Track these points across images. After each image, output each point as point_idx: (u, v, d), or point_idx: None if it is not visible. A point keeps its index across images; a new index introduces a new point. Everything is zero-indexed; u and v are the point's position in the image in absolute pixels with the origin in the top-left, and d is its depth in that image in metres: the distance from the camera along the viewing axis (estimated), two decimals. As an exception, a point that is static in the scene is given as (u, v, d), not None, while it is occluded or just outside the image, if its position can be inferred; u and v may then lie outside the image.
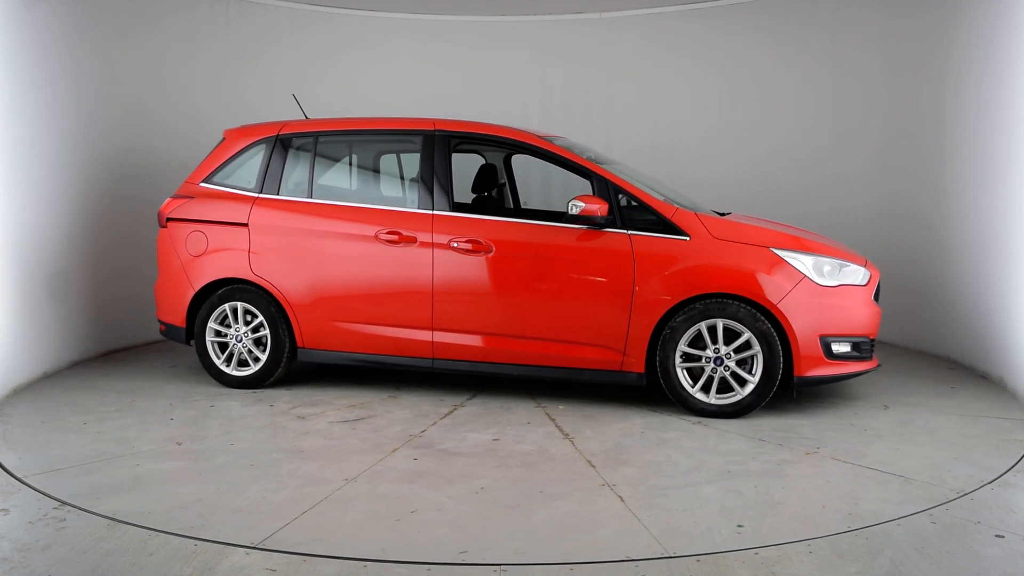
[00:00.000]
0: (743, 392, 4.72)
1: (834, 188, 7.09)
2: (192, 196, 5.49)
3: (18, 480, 3.76)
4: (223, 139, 5.62)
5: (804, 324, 4.66)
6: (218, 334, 5.39)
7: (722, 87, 7.48)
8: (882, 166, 6.84)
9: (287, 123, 5.52)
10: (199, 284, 5.37)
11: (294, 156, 5.41)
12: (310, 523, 3.32)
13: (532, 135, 5.19)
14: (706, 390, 4.77)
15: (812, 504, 3.51)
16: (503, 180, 6.39)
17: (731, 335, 4.71)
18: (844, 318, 4.77)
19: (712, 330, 4.72)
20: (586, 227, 4.89)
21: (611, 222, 4.85)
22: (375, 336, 5.16)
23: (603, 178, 4.95)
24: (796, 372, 4.69)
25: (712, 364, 4.73)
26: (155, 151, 6.53)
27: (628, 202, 4.94)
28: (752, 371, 4.70)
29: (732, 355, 4.70)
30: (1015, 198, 5.24)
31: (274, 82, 7.14)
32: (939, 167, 6.23)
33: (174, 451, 4.19)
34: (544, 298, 4.93)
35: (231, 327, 5.36)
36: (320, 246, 5.20)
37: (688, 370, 4.79)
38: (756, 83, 7.38)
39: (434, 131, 5.24)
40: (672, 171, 7.14)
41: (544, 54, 7.62)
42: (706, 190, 6.91)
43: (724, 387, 4.76)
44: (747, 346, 4.69)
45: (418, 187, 5.18)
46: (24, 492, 3.59)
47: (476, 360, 5.07)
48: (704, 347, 4.74)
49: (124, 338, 6.46)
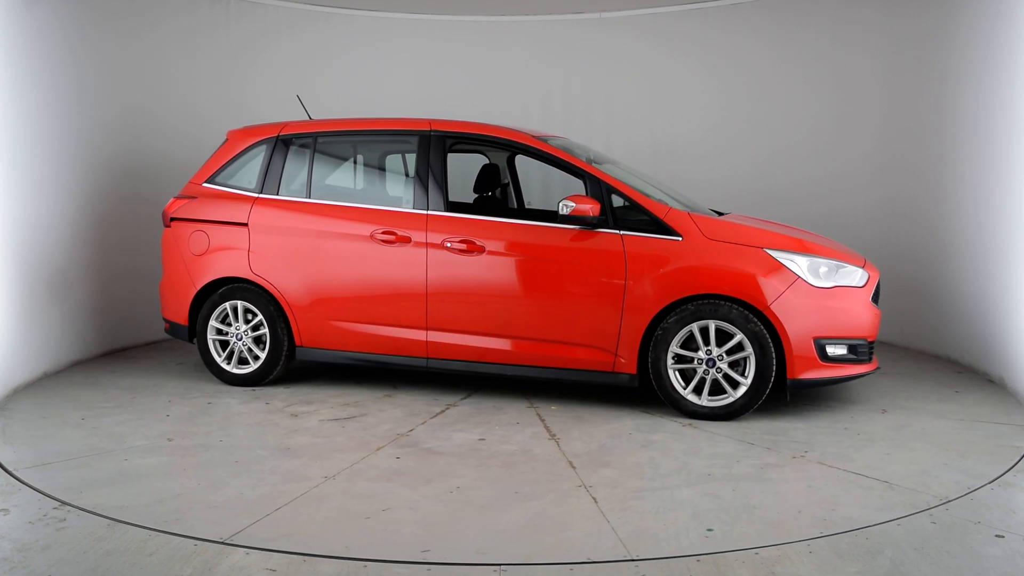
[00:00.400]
0: (735, 394, 4.66)
1: (834, 188, 7.04)
2: (195, 196, 5.58)
3: (9, 473, 3.85)
4: (226, 140, 5.70)
5: (797, 326, 4.59)
6: (219, 332, 5.47)
7: (722, 87, 7.44)
8: (882, 166, 6.79)
9: (287, 124, 5.58)
10: (201, 283, 5.46)
11: (294, 156, 5.47)
12: (281, 519, 3.36)
13: (526, 135, 5.18)
14: (698, 392, 4.72)
15: (788, 509, 3.46)
16: (506, 180, 6.40)
17: (724, 336, 4.65)
18: (840, 320, 4.69)
19: (704, 331, 4.67)
20: (579, 227, 4.87)
21: (603, 222, 4.83)
22: (371, 335, 5.20)
23: (596, 178, 4.93)
24: (789, 375, 4.62)
25: (704, 366, 4.68)
26: (156, 151, 6.59)
27: (621, 202, 4.91)
28: (745, 373, 4.64)
29: (724, 357, 4.65)
30: (1015, 198, 5.16)
31: (274, 82, 7.18)
32: (939, 167, 6.17)
33: (163, 447, 4.26)
34: (537, 298, 4.92)
35: (232, 325, 5.44)
36: (317, 246, 5.25)
37: (681, 372, 4.74)
38: (756, 83, 7.34)
39: (430, 131, 5.26)
40: (672, 171, 7.10)
41: (544, 54, 7.60)
42: (706, 190, 6.86)
43: (717, 389, 4.71)
44: (739, 348, 4.63)
45: (414, 187, 5.21)
46: (24, 492, 3.61)
47: (470, 360, 5.07)
48: (696, 348, 4.69)
49: (132, 337, 6.56)
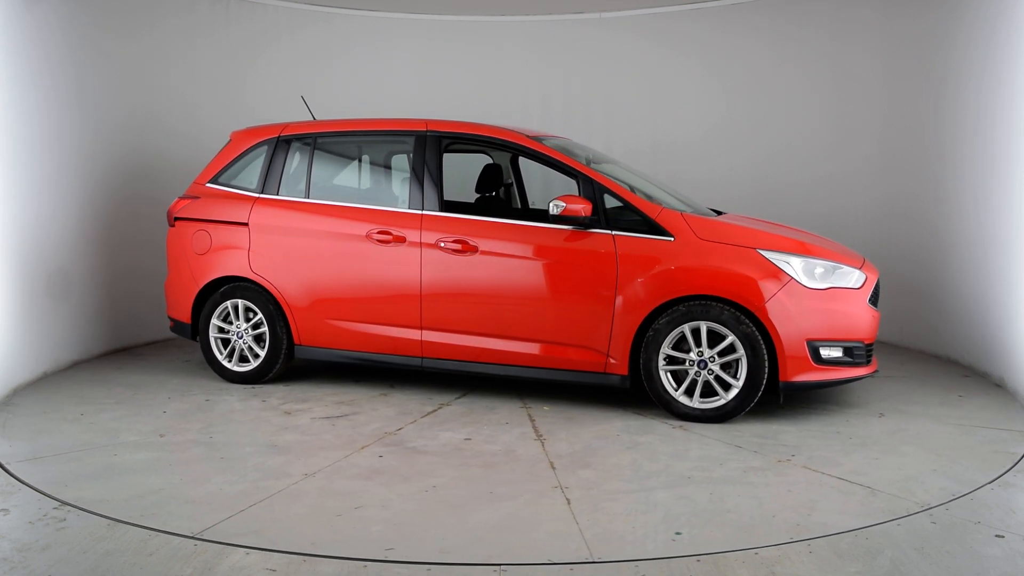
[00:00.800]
0: (727, 397, 4.60)
1: (834, 188, 6.98)
2: (198, 196, 5.67)
3: (1, 467, 3.95)
4: (229, 140, 5.79)
5: (790, 328, 4.52)
6: (221, 330, 5.55)
7: (722, 87, 7.40)
8: (882, 166, 6.73)
9: (288, 124, 5.65)
10: (203, 282, 5.54)
11: (293, 157, 5.53)
12: (253, 516, 3.40)
13: (521, 135, 5.17)
14: (690, 394, 4.67)
15: (762, 513, 3.41)
16: (509, 180, 6.39)
17: (716, 338, 4.60)
18: (835, 322, 4.60)
19: (696, 333, 4.62)
20: (572, 227, 4.85)
21: (596, 222, 4.81)
22: (367, 335, 5.23)
23: (588, 178, 4.91)
24: (782, 377, 4.55)
25: (696, 367, 4.63)
26: (156, 151, 6.65)
27: (615, 202, 4.88)
28: (736, 375, 4.58)
29: (716, 358, 4.59)
30: (1015, 198, 5.07)
31: (274, 82, 7.23)
32: (939, 167, 6.11)
33: (154, 443, 4.33)
34: (529, 298, 4.91)
35: (233, 324, 5.51)
36: (315, 245, 5.30)
37: (673, 373, 4.70)
38: (756, 83, 7.30)
39: (426, 131, 5.28)
40: (672, 171, 7.06)
41: (544, 54, 7.58)
42: (707, 190, 6.82)
43: (710, 391, 4.66)
44: (731, 349, 4.57)
45: (409, 187, 5.23)
46: (24, 492, 3.63)
47: (464, 360, 5.08)
48: (688, 350, 4.65)
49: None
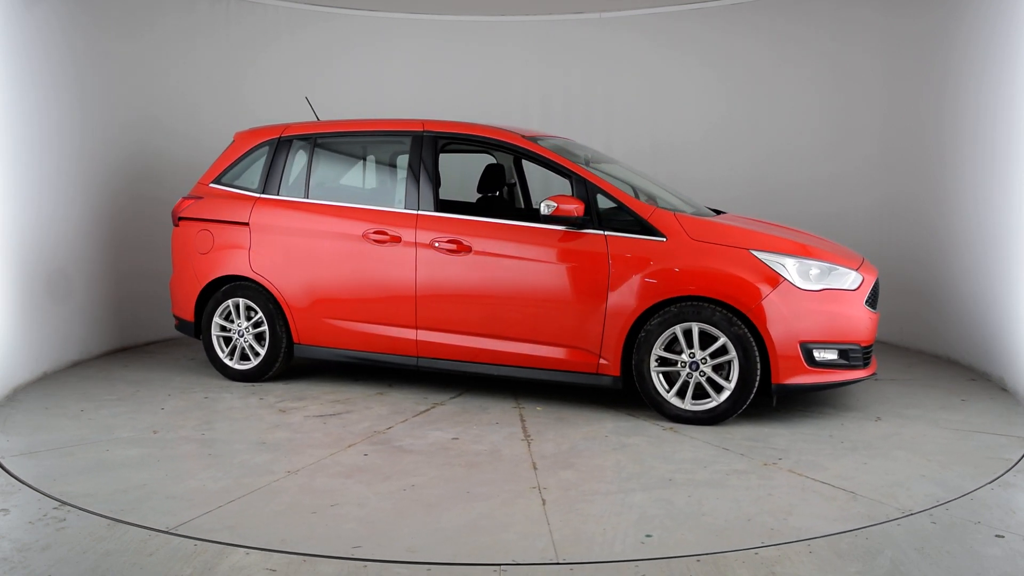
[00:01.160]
0: (719, 399, 4.56)
1: (834, 188, 6.95)
2: (202, 196, 5.75)
3: (-5, 460, 4.05)
4: (233, 141, 5.86)
5: (782, 329, 4.46)
6: (223, 329, 5.62)
7: (722, 87, 7.37)
8: (882, 166, 6.68)
9: (289, 125, 5.70)
10: (205, 280, 5.62)
11: (293, 157, 5.58)
12: (230, 512, 3.43)
13: (515, 134, 5.17)
14: (682, 395, 4.63)
15: (738, 517, 3.36)
16: (512, 180, 6.39)
17: (708, 339, 4.56)
18: (829, 324, 4.53)
19: (688, 334, 4.58)
20: (565, 228, 4.84)
21: (588, 223, 4.79)
22: (364, 334, 5.26)
23: (581, 178, 4.89)
24: (774, 379, 4.49)
25: (687, 369, 4.59)
26: (156, 151, 6.70)
27: (608, 203, 4.85)
28: (728, 377, 4.54)
29: (708, 360, 4.55)
30: (1015, 198, 5.01)
31: (274, 82, 7.28)
32: (939, 167, 6.05)
33: (147, 439, 4.40)
34: (522, 299, 4.90)
35: (234, 322, 5.58)
36: (313, 245, 5.35)
37: (665, 375, 4.67)
38: (756, 83, 7.26)
39: (422, 132, 5.30)
40: (673, 171, 7.03)
41: (544, 54, 7.57)
42: (707, 190, 6.79)
43: (702, 393, 4.62)
44: (723, 351, 4.52)
45: (406, 187, 5.26)
46: (24, 492, 3.64)
47: (458, 359, 5.09)
48: (680, 351, 4.61)
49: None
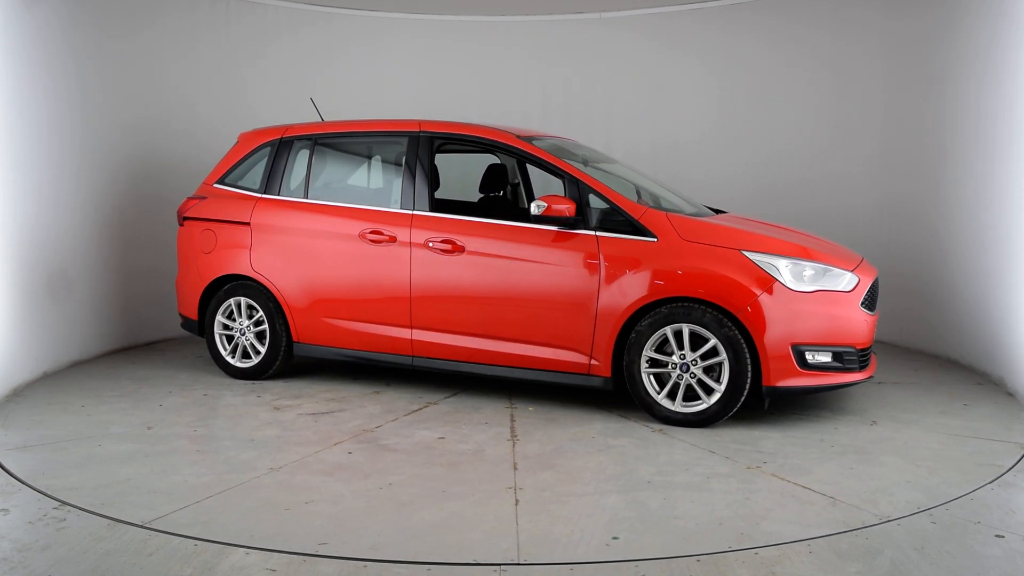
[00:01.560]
0: (709, 401, 4.51)
1: (835, 188, 6.92)
2: (206, 196, 5.83)
3: (-9, 454, 4.15)
4: (237, 141, 5.94)
5: (773, 331, 4.39)
6: (225, 327, 5.70)
7: (722, 86, 7.34)
8: (883, 166, 6.65)
9: (290, 126, 5.76)
10: (208, 279, 5.70)
11: (294, 158, 5.64)
12: (206, 507, 3.48)
13: (509, 134, 5.16)
14: (672, 397, 4.59)
15: (709, 521, 3.32)
16: (516, 180, 6.39)
17: (699, 341, 4.51)
18: (822, 326, 4.46)
19: (678, 335, 4.54)
20: (557, 228, 4.83)
21: (580, 223, 4.77)
22: (361, 333, 5.30)
23: (574, 178, 4.87)
24: (765, 382, 4.43)
25: (678, 371, 4.55)
26: (157, 150, 6.75)
27: (600, 203, 4.83)
28: (719, 379, 4.48)
29: (698, 362, 4.50)
30: (1016, 198, 4.95)
31: (275, 82, 7.33)
32: (939, 167, 6.02)
33: (140, 435, 4.48)
34: (515, 299, 4.89)
35: (236, 321, 5.66)
36: (312, 244, 5.40)
37: (656, 376, 4.63)
38: (756, 82, 7.23)
39: (419, 132, 5.33)
40: (673, 170, 7.00)
41: (544, 54, 7.56)
42: (707, 189, 6.76)
43: (694, 395, 4.57)
44: (714, 353, 4.47)
45: (402, 187, 5.28)
46: (24, 492, 3.65)
47: (452, 359, 5.10)
48: (671, 352, 4.56)
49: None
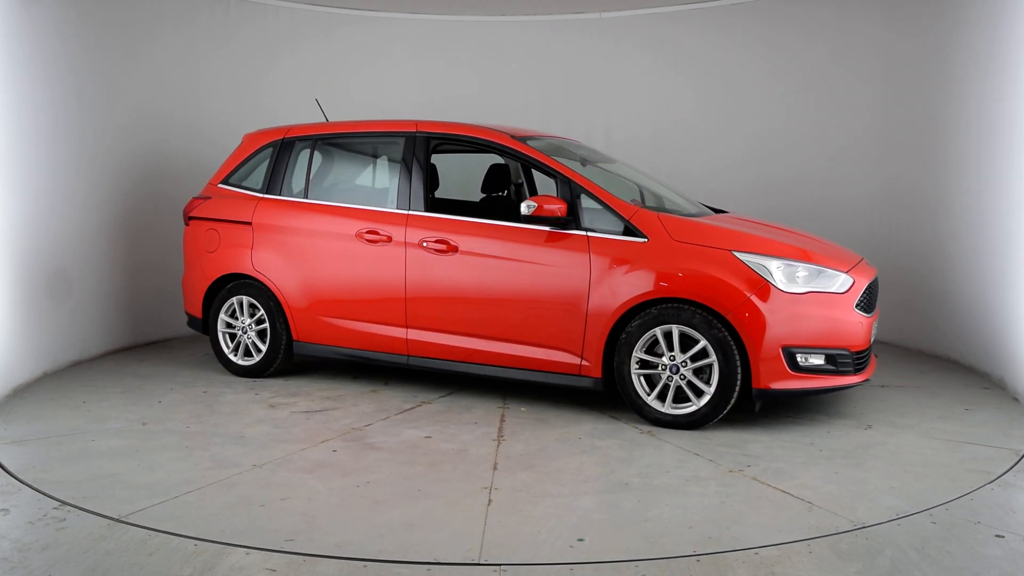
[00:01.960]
0: (699, 403, 4.46)
1: (835, 186, 6.90)
2: (210, 196, 5.92)
3: (-12, 447, 4.25)
4: (241, 142, 6.01)
5: (763, 333, 4.32)
6: (228, 325, 5.78)
7: (722, 86, 7.30)
8: (883, 165, 6.63)
9: (292, 127, 5.82)
10: (212, 278, 5.78)
11: (295, 158, 5.70)
12: (183, 503, 3.52)
13: (504, 135, 5.15)
14: (662, 399, 4.55)
15: (680, 525, 3.28)
16: (520, 180, 6.37)
17: (689, 342, 4.46)
18: (814, 328, 4.38)
19: (668, 336, 4.49)
20: (549, 228, 4.81)
21: (571, 223, 4.75)
22: (358, 332, 5.33)
23: (566, 178, 4.85)
24: (755, 384, 4.37)
25: (668, 372, 4.50)
26: (160, 149, 6.79)
27: (592, 203, 4.79)
28: (709, 381, 4.43)
29: (688, 363, 4.46)
30: (1016, 197, 4.90)
31: (278, 82, 7.37)
32: (940, 167, 5.99)
33: (134, 430, 4.55)
34: (507, 299, 4.88)
35: (238, 319, 5.73)
36: (310, 244, 5.45)
37: (646, 377, 4.59)
38: (757, 80, 7.20)
39: (415, 132, 5.35)
40: (673, 170, 6.97)
41: (544, 54, 7.53)
42: (708, 189, 6.74)
43: (684, 396, 4.52)
44: (703, 354, 4.42)
45: (398, 187, 5.31)
46: (24, 492, 3.67)
47: (446, 359, 5.11)
48: (662, 354, 4.52)
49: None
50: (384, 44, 7.70)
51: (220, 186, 5.93)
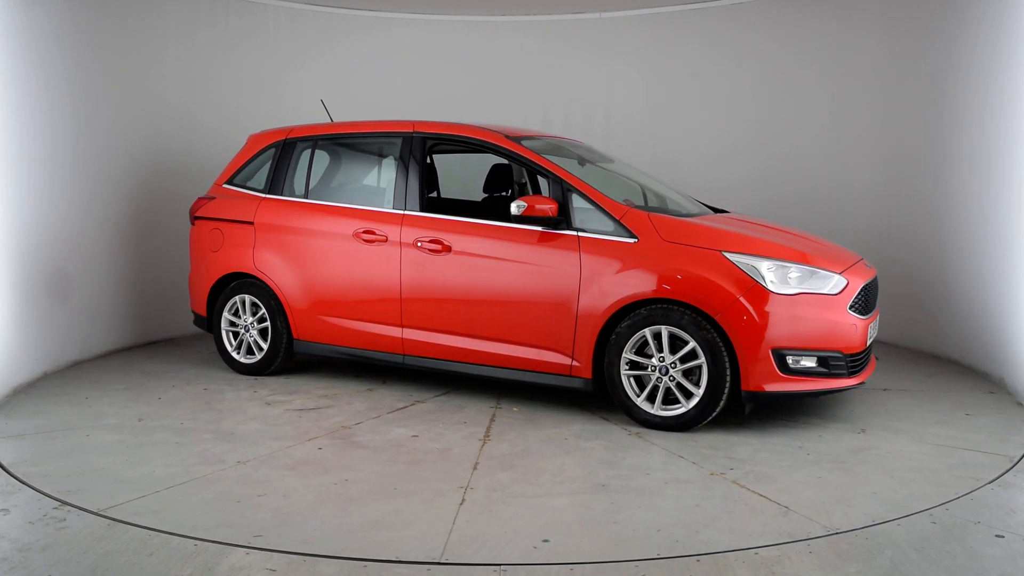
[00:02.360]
0: (688, 405, 4.41)
1: (834, 187, 6.85)
2: (215, 196, 6.00)
3: (-13, 441, 4.35)
4: (246, 143, 6.09)
5: (753, 334, 4.26)
6: (231, 324, 5.86)
7: (722, 85, 7.26)
8: (883, 164, 6.58)
9: (294, 128, 5.88)
10: (215, 277, 5.86)
11: (296, 158, 5.76)
12: (162, 497, 3.57)
13: (498, 135, 5.15)
14: (652, 400, 4.51)
15: (648, 527, 3.25)
16: (523, 180, 6.36)
17: (679, 343, 4.42)
18: (806, 329, 4.31)
19: (658, 337, 4.45)
20: (542, 228, 4.79)
21: (562, 223, 4.73)
22: (355, 331, 5.37)
23: (557, 177, 4.83)
24: (744, 386, 4.31)
25: (657, 373, 4.46)
26: (162, 148, 6.84)
27: (584, 203, 4.77)
28: (698, 383, 4.38)
29: (678, 364, 4.41)
30: (1017, 196, 4.85)
31: (279, 82, 7.42)
32: (940, 166, 5.93)
33: (129, 426, 4.63)
34: (498, 299, 4.88)
35: (241, 317, 5.80)
36: (309, 244, 5.50)
37: (636, 378, 4.55)
38: (756, 81, 7.16)
39: (412, 132, 5.37)
40: (673, 169, 6.93)
41: (544, 54, 7.50)
42: (708, 188, 6.70)
43: (673, 398, 4.48)
44: (693, 356, 4.38)
45: (394, 187, 5.33)
46: (24, 492, 3.67)
47: (440, 358, 5.12)
48: (652, 355, 4.48)
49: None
50: (384, 44, 7.73)
51: (225, 186, 6.01)
